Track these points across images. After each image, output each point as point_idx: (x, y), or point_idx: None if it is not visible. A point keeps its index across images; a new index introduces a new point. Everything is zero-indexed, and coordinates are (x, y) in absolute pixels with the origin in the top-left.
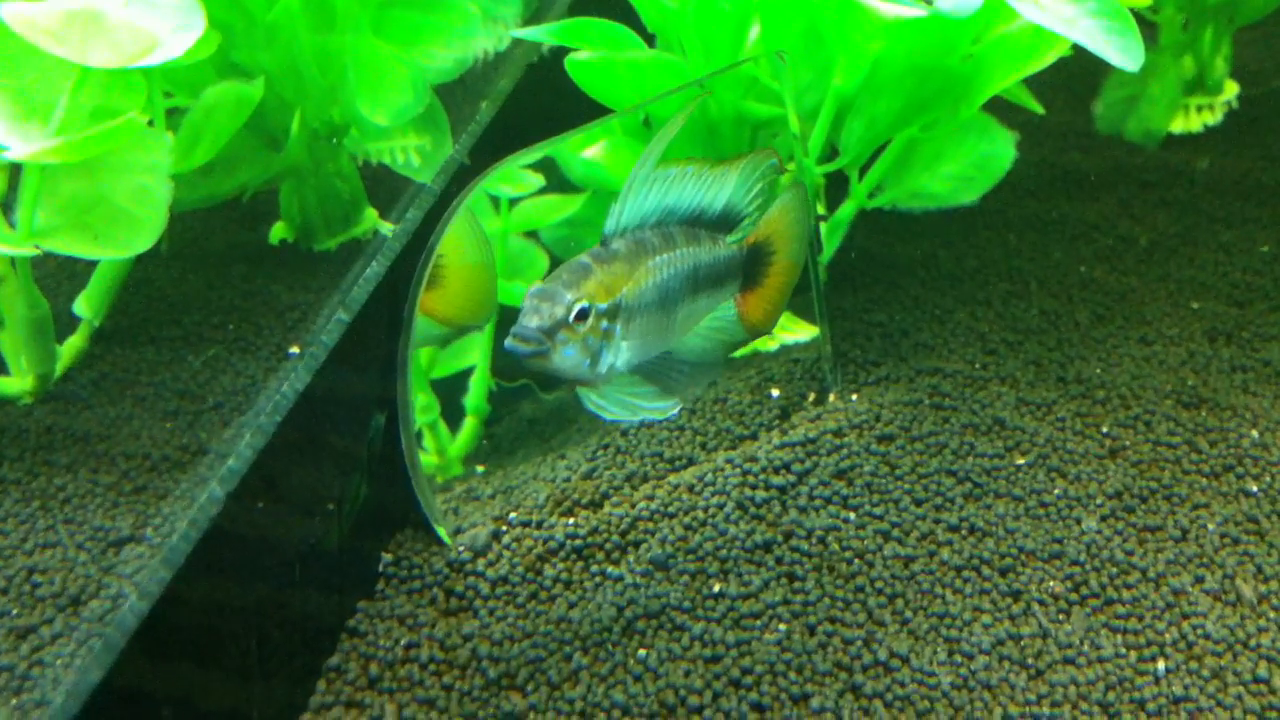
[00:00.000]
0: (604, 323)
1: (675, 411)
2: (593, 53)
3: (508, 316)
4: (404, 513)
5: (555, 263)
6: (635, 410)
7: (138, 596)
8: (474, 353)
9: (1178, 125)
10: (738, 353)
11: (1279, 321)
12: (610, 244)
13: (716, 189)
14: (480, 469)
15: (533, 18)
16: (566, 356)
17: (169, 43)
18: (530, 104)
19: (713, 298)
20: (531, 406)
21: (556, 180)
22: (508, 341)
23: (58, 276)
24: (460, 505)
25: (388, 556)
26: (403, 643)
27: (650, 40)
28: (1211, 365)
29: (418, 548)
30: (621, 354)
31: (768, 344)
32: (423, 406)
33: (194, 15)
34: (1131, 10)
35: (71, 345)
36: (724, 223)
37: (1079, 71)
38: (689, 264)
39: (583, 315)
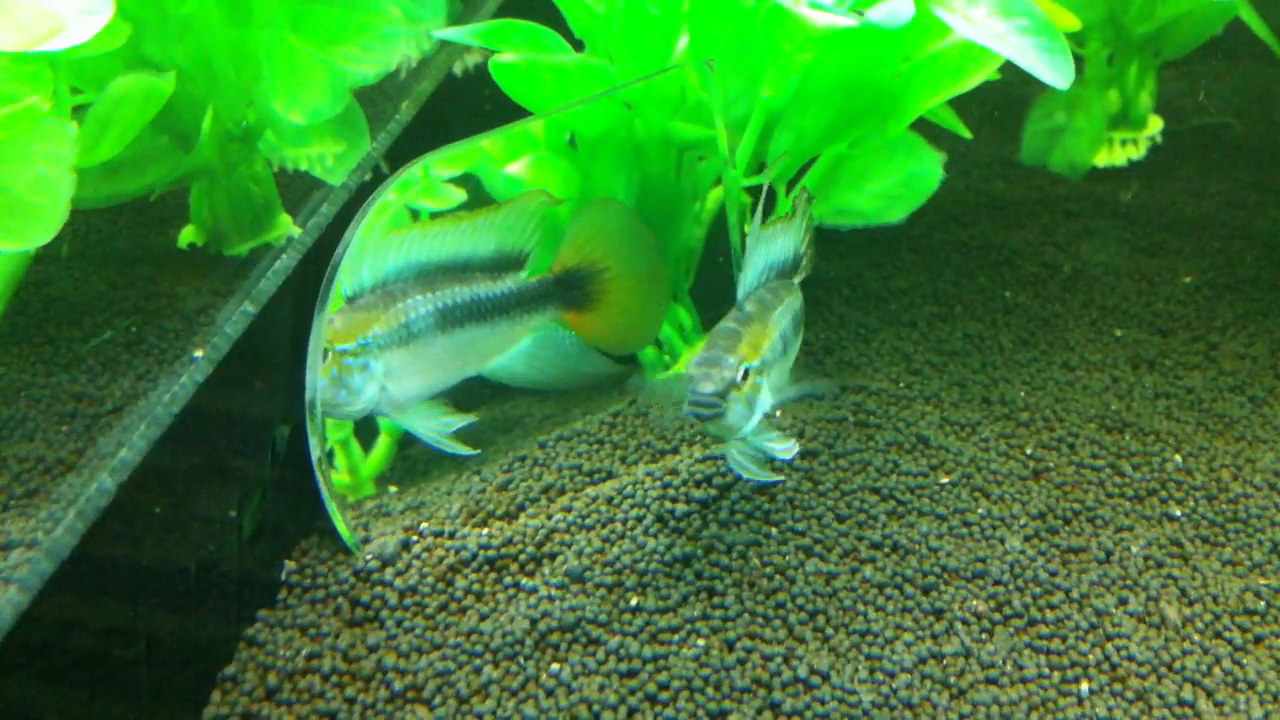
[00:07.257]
0: (758, 378)
1: (792, 455)
2: (518, 55)
3: None
4: (309, 520)
5: None
6: (767, 458)
7: (17, 590)
8: None
9: (1102, 158)
10: (661, 375)
11: (1201, 350)
12: (744, 308)
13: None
14: (393, 489)
15: (456, 23)
16: (737, 414)
17: (75, 26)
18: (452, 110)
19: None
20: None
21: (478, 196)
22: (686, 409)
23: None
24: (371, 520)
25: (290, 564)
26: (304, 653)
27: (578, 46)
28: (1134, 391)
29: (323, 556)
30: (769, 402)
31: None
32: (335, 423)
33: None
34: None
35: None
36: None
37: (1004, 103)
38: (796, 311)
39: (746, 374)
